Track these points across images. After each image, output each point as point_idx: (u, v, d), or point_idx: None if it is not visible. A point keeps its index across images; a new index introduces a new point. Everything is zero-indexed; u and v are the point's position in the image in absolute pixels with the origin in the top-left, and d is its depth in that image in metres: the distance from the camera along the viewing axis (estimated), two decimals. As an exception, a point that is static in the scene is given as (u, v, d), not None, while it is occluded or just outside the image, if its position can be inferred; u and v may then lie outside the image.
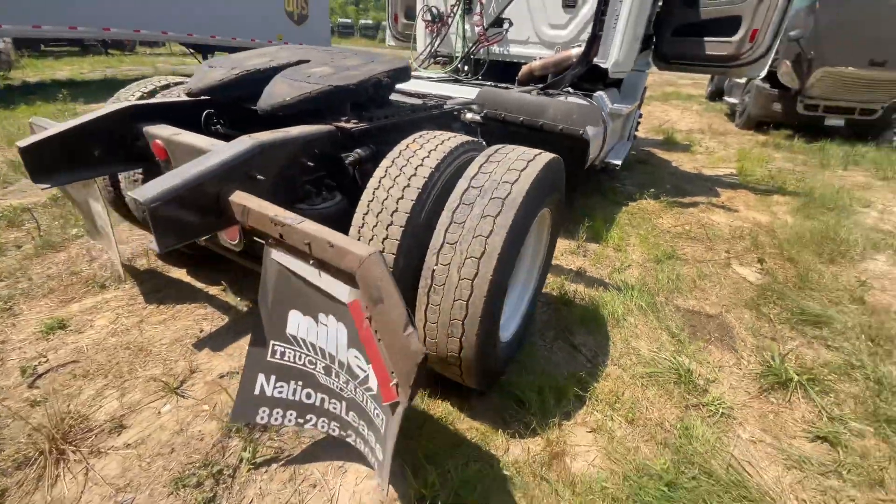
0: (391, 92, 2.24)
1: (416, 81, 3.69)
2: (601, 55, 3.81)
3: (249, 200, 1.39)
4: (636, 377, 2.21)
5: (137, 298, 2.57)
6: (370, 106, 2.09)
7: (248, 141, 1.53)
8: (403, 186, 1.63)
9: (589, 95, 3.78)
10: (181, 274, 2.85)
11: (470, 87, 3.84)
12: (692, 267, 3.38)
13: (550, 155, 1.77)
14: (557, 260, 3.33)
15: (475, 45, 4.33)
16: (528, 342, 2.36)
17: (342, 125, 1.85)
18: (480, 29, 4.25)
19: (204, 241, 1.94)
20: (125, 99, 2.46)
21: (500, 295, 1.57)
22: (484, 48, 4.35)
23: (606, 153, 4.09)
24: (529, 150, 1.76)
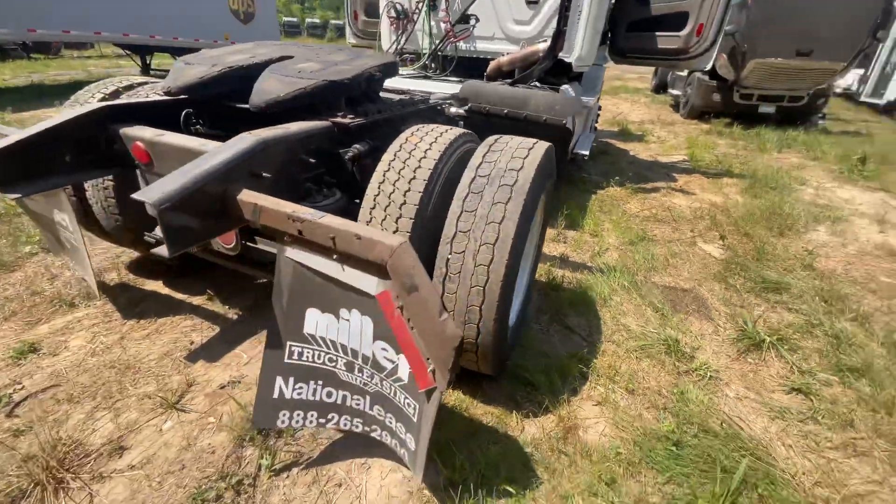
0: (381, 87, 2.23)
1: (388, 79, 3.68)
2: (566, 50, 3.96)
3: (261, 199, 1.35)
4: (630, 351, 2.34)
5: (113, 315, 2.41)
6: (363, 101, 2.07)
7: (250, 138, 1.48)
8: (409, 179, 1.64)
9: (555, 89, 3.92)
10: (157, 286, 2.69)
11: (442, 82, 3.87)
12: (663, 247, 3.60)
13: (546, 143, 1.84)
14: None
15: (442, 41, 4.36)
16: (526, 327, 2.44)
17: (339, 120, 1.83)
18: (447, 25, 4.29)
19: (196, 247, 1.85)
20: (85, 102, 2.29)
21: (513, 279, 1.62)
22: (451, 45, 4.40)
23: (574, 144, 4.26)
24: (526, 139, 1.82)
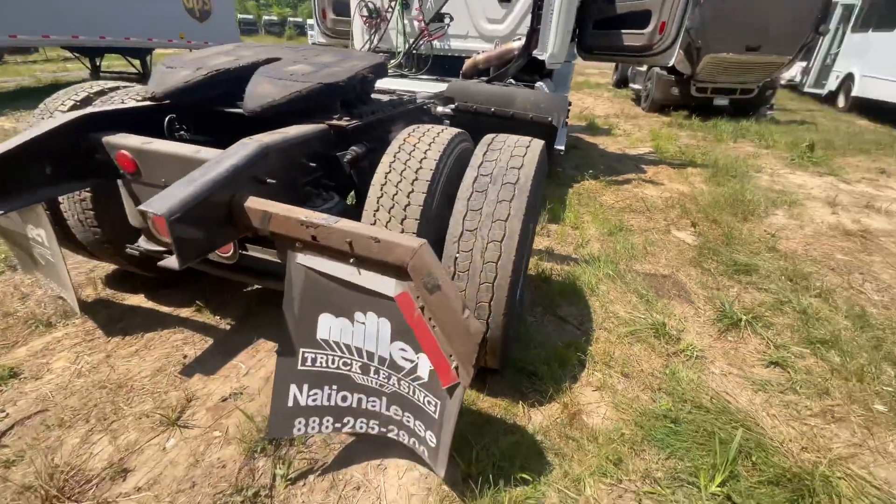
0: (373, 88, 2.22)
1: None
2: (540, 48, 4.05)
3: (271, 205, 1.34)
4: (621, 337, 2.44)
5: (95, 333, 2.29)
6: (356, 103, 2.06)
7: (252, 144, 1.45)
8: (412, 180, 1.66)
9: (530, 86, 4.01)
10: (138, 300, 2.58)
11: (420, 81, 3.88)
12: (640, 236, 3.76)
13: (540, 141, 1.90)
14: (525, 242, 3.52)
15: (417, 40, 4.37)
16: (521, 320, 2.50)
17: (335, 123, 1.81)
18: (422, 24, 4.29)
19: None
20: (55, 110, 2.17)
21: (520, 274, 1.67)
22: (426, 43, 4.40)
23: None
24: (522, 137, 1.87)
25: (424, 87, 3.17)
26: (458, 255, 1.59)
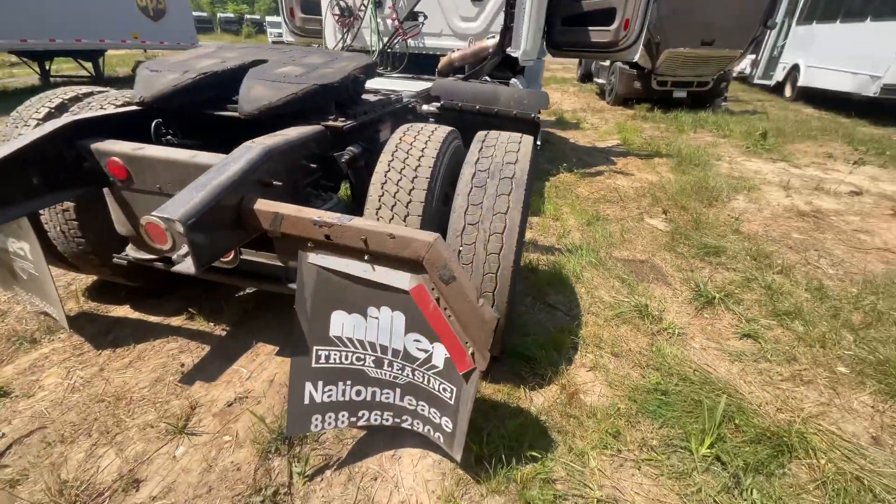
0: (364, 88, 2.24)
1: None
2: (513, 45, 4.15)
3: (282, 207, 1.36)
4: (608, 319, 2.58)
5: (84, 347, 2.22)
6: (349, 103, 2.08)
7: (257, 147, 1.47)
8: (412, 178, 1.72)
9: (504, 82, 4.11)
10: (125, 312, 2.51)
11: (397, 80, 3.90)
12: (616, 224, 3.94)
13: (530, 137, 1.99)
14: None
15: (392, 38, 4.38)
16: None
17: (331, 124, 1.84)
18: (396, 23, 4.31)
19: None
20: (30, 118, 2.08)
21: (519, 264, 1.75)
22: (401, 42, 4.43)
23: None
24: (513, 134, 1.95)
25: (406, 85, 3.21)
26: (461, 248, 1.66)
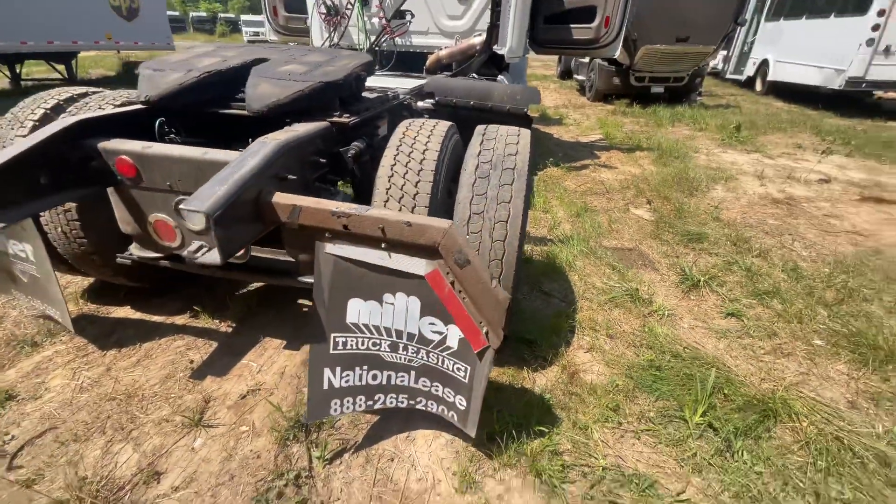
0: (364, 86, 2.29)
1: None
2: (500, 43, 4.25)
3: (299, 199, 1.41)
4: (602, 304, 2.70)
5: (87, 348, 2.22)
6: (352, 100, 2.13)
7: (272, 143, 1.51)
8: (418, 171, 1.78)
9: (491, 79, 4.21)
10: (126, 312, 2.51)
11: (387, 77, 3.95)
12: (604, 215, 4.08)
13: (527, 130, 2.08)
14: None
15: (379, 37, 4.42)
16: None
17: (337, 120, 1.89)
18: (384, 21, 4.36)
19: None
20: (25, 119, 2.07)
21: (522, 250, 1.84)
22: (389, 40, 4.47)
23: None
24: (511, 127, 2.04)
25: (396, 83, 3.26)
26: (468, 236, 1.74)
